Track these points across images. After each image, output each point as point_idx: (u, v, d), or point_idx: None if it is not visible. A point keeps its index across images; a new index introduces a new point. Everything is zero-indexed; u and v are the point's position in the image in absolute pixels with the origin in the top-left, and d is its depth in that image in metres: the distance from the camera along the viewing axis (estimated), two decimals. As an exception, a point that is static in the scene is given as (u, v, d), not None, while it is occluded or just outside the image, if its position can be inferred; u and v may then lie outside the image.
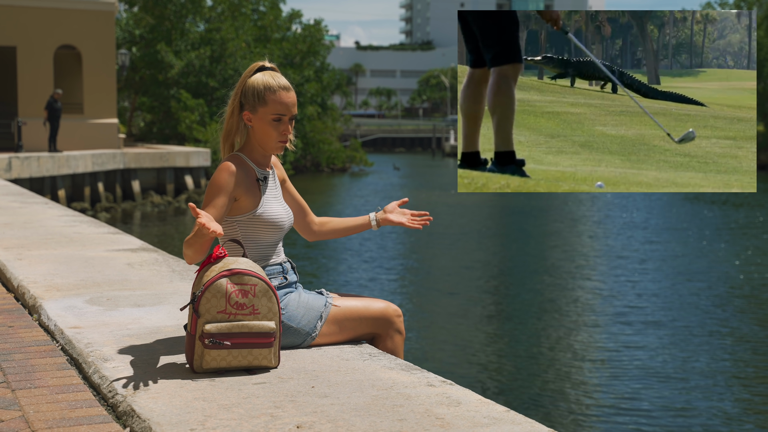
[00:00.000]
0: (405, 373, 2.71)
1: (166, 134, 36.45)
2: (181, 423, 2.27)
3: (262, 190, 2.98)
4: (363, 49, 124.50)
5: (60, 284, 4.25)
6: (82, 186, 23.28)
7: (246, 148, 3.00)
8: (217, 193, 2.85)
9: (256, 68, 2.97)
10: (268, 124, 2.93)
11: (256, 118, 2.94)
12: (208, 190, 2.88)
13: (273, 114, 2.92)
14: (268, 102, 2.92)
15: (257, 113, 2.93)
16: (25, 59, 25.15)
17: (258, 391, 2.53)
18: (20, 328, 3.53)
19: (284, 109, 2.92)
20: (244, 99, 2.95)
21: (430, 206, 27.93)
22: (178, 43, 36.52)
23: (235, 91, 2.97)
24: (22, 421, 2.40)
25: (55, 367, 2.95)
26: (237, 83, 2.98)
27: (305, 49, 41.18)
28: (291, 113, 2.95)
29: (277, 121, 2.93)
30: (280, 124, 2.93)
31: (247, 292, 2.68)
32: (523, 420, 2.26)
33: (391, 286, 14.49)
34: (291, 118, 2.96)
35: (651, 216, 25.03)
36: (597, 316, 12.24)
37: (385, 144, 73.79)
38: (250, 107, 2.94)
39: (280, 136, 2.94)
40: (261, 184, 2.98)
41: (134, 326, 3.36)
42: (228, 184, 2.86)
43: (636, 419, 7.98)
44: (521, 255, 18.18)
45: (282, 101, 2.92)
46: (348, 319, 3.05)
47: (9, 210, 8.26)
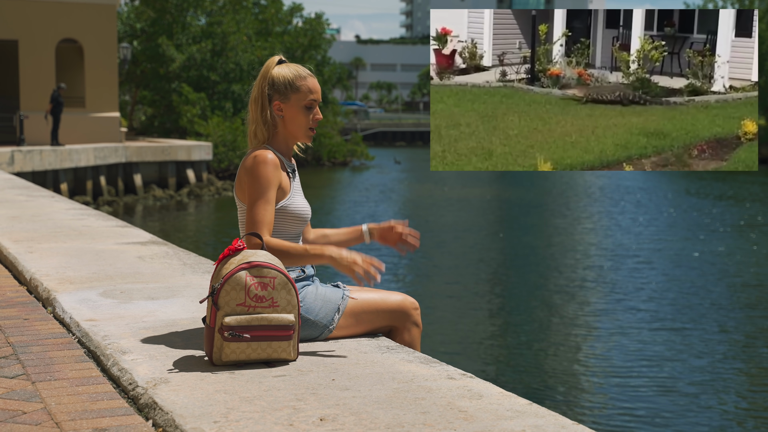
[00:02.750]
0: (425, 366, 2.71)
1: (167, 128, 36.44)
2: (204, 415, 2.27)
3: (291, 183, 2.99)
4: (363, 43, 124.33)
5: (72, 277, 4.25)
6: (84, 179, 23.28)
7: (274, 140, 3.01)
8: (267, 187, 2.86)
9: (276, 61, 2.99)
10: (300, 112, 2.96)
11: (288, 107, 2.96)
12: (255, 184, 2.86)
13: (306, 100, 2.95)
14: (300, 89, 2.95)
15: (289, 101, 2.95)
16: (27, 53, 25.13)
17: (279, 383, 2.53)
18: (35, 321, 3.53)
19: (317, 95, 2.97)
20: (272, 90, 2.95)
21: (432, 199, 27.93)
22: (179, 36, 36.48)
23: (258, 85, 2.97)
24: (44, 413, 2.40)
25: (74, 360, 2.95)
26: (257, 79, 2.98)
27: (306, 42, 41.13)
28: (319, 99, 3.00)
29: (309, 108, 2.96)
30: (311, 111, 2.96)
31: (267, 285, 2.69)
32: (547, 413, 2.26)
33: (401, 279, 14.49)
34: (318, 105, 3.01)
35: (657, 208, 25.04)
36: (612, 309, 12.25)
37: (386, 138, 73.71)
38: (282, 97, 2.95)
39: (312, 122, 2.97)
40: (291, 177, 2.99)
41: (150, 319, 3.36)
42: (276, 178, 2.88)
43: (659, 410, 7.99)
44: (530, 247, 18.19)
45: (314, 87, 2.97)
46: (365, 311, 3.05)
47: (16, 203, 8.26)
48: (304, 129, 2.97)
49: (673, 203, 27.05)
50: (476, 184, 33.52)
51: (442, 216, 23.46)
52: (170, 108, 36.53)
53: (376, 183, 34.79)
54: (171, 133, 35.76)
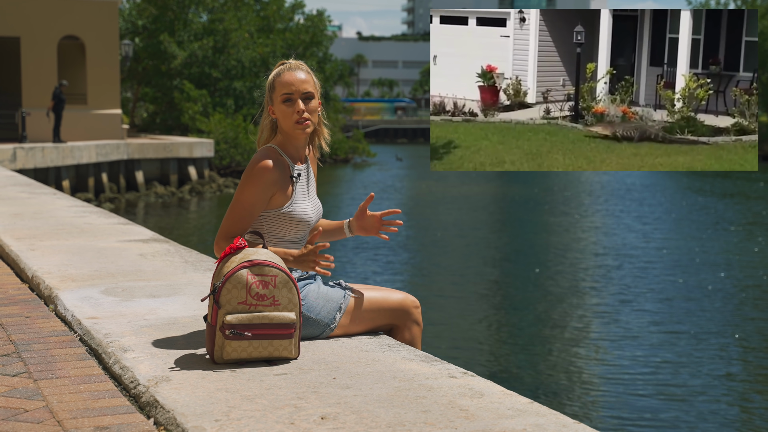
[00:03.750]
0: (426, 365, 2.71)
1: (169, 125, 36.44)
2: (206, 414, 2.28)
3: (294, 188, 2.99)
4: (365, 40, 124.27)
5: (74, 275, 4.26)
6: (86, 176, 23.30)
7: (280, 141, 3.03)
8: (248, 194, 2.89)
9: (277, 67, 3.02)
10: (281, 108, 2.96)
11: (274, 108, 2.99)
12: (239, 186, 2.91)
13: (281, 95, 2.95)
14: (275, 86, 2.97)
15: (273, 101, 2.98)
16: (29, 50, 25.13)
17: (280, 382, 2.54)
18: (37, 319, 3.54)
19: (290, 88, 2.94)
20: (266, 96, 3.01)
21: (433, 197, 27.93)
22: (181, 33, 36.47)
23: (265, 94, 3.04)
24: (46, 411, 2.41)
25: (75, 358, 2.96)
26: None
27: (308, 39, 41.09)
28: (299, 90, 2.95)
29: (288, 102, 2.95)
30: (292, 104, 2.95)
31: (268, 283, 2.69)
32: (548, 412, 2.27)
33: (402, 277, 14.50)
34: (305, 98, 2.96)
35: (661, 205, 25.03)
36: (613, 307, 12.25)
37: (387, 135, 73.72)
38: (269, 99, 3.00)
39: (295, 115, 2.95)
40: (294, 182, 2.99)
41: (151, 317, 3.36)
42: (266, 183, 2.89)
43: (660, 409, 7.99)
44: (532, 245, 18.18)
45: (285, 80, 2.95)
46: (366, 310, 3.05)
47: (18, 200, 8.27)
48: (291, 124, 2.97)
49: (677, 201, 27.04)
50: (478, 182, 33.49)
51: (444, 214, 23.46)
52: (172, 105, 36.53)
53: (377, 180, 34.79)
54: (173, 130, 35.76)
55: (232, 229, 2.89)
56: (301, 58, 40.73)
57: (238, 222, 2.89)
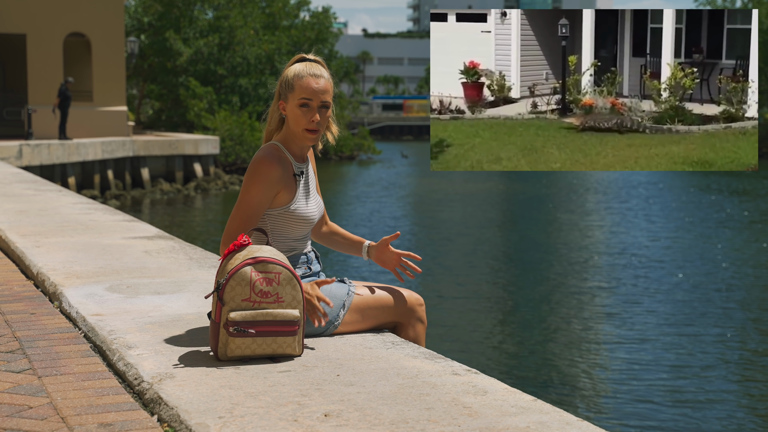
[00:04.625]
0: (429, 362, 2.71)
1: (174, 122, 36.50)
2: (209, 411, 2.28)
3: (297, 186, 2.99)
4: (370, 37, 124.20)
5: (79, 272, 4.27)
6: (91, 173, 23.34)
7: (284, 138, 3.02)
8: (253, 193, 2.89)
9: (296, 60, 3.00)
10: (295, 111, 2.94)
11: (288, 106, 2.97)
12: (243, 185, 2.91)
13: (300, 99, 2.93)
14: (295, 88, 2.94)
15: (288, 100, 2.96)
16: (35, 47, 25.18)
17: (283, 379, 2.54)
18: (42, 315, 3.55)
19: (311, 94, 2.92)
20: (281, 89, 2.98)
21: (438, 195, 27.92)
22: (186, 30, 36.51)
23: (277, 84, 3.01)
24: (50, 408, 2.41)
25: (80, 354, 2.96)
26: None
27: (313, 36, 41.10)
28: (319, 99, 2.94)
29: (305, 107, 2.93)
30: (308, 110, 2.93)
31: (272, 281, 2.69)
32: (551, 409, 2.26)
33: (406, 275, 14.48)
34: (321, 106, 2.95)
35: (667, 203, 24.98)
36: (616, 305, 12.23)
37: (393, 132, 73.73)
38: (283, 95, 2.98)
39: (308, 123, 2.94)
40: (297, 180, 2.99)
41: (156, 314, 3.37)
42: (270, 180, 2.89)
43: (664, 408, 7.98)
44: (534, 242, 18.17)
45: (308, 86, 2.93)
46: (371, 307, 3.05)
47: (24, 197, 8.29)
48: (301, 129, 2.96)
49: (684, 198, 26.98)
50: (483, 180, 33.47)
51: (449, 211, 23.45)
52: (177, 102, 36.58)
53: (382, 177, 34.78)
54: (178, 127, 35.82)
55: (240, 229, 2.89)
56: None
57: (245, 221, 2.89)
